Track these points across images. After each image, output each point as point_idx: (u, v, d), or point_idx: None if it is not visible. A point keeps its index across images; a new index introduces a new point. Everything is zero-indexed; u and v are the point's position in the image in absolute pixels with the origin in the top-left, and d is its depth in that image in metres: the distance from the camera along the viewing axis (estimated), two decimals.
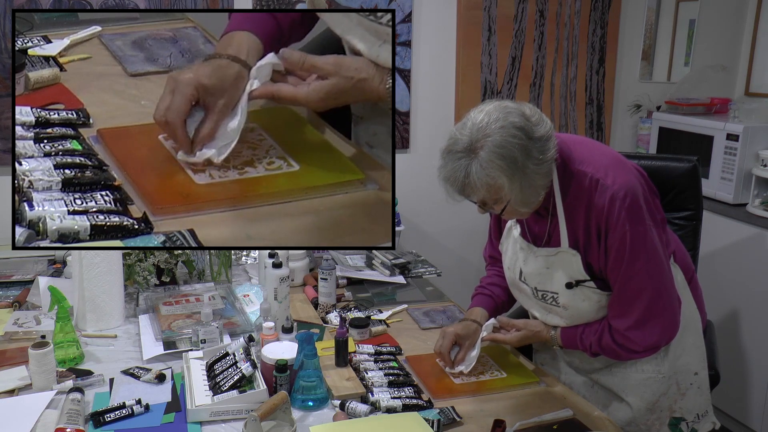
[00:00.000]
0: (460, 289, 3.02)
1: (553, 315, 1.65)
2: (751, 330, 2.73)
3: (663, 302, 1.52)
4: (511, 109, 1.40)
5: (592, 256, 1.53)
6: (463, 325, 1.69)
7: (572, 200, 1.51)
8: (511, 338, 1.68)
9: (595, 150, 1.54)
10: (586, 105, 3.19)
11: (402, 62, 2.85)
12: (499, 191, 1.41)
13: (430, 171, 3.00)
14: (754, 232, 2.68)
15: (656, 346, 1.55)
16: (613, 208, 1.45)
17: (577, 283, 1.55)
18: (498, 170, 1.37)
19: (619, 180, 1.46)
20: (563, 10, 3.04)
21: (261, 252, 2.09)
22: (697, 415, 1.65)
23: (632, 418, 1.62)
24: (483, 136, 1.37)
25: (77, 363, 1.63)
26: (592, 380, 1.70)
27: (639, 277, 1.48)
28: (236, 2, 2.61)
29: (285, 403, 1.33)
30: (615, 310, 1.55)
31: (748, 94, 3.32)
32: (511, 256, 1.69)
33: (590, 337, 1.59)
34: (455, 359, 1.64)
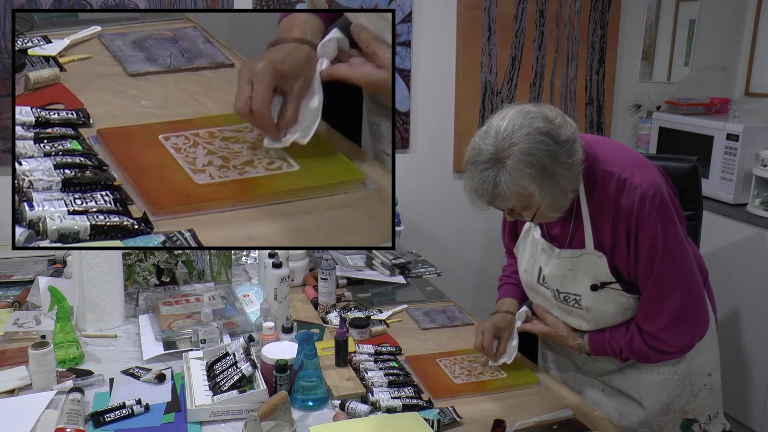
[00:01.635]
0: (460, 289, 3.03)
1: (574, 317, 1.62)
2: (751, 330, 2.73)
3: (694, 301, 1.50)
4: (535, 114, 1.36)
5: (620, 258, 1.49)
6: (499, 317, 1.69)
7: (598, 202, 1.48)
8: (537, 329, 1.68)
9: (618, 150, 1.53)
10: (586, 105, 3.19)
11: (402, 62, 2.85)
12: (530, 199, 1.37)
13: (430, 171, 3.05)
14: (754, 232, 2.68)
15: (689, 345, 1.53)
16: (644, 207, 1.43)
17: (603, 285, 1.52)
18: (528, 178, 1.33)
19: (647, 179, 1.45)
20: (563, 10, 3.04)
21: (261, 252, 2.09)
22: (709, 417, 1.64)
23: (645, 420, 1.60)
24: (509, 144, 1.33)
25: (77, 363, 1.63)
26: (603, 383, 1.68)
27: (671, 276, 1.46)
28: (236, 2, 2.61)
29: (285, 403, 1.33)
30: (646, 312, 1.51)
31: (748, 94, 3.32)
32: (529, 258, 1.66)
33: (619, 341, 1.55)
34: (497, 352, 1.65)
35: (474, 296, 3.22)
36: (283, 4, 2.66)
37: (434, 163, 3.04)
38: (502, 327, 1.67)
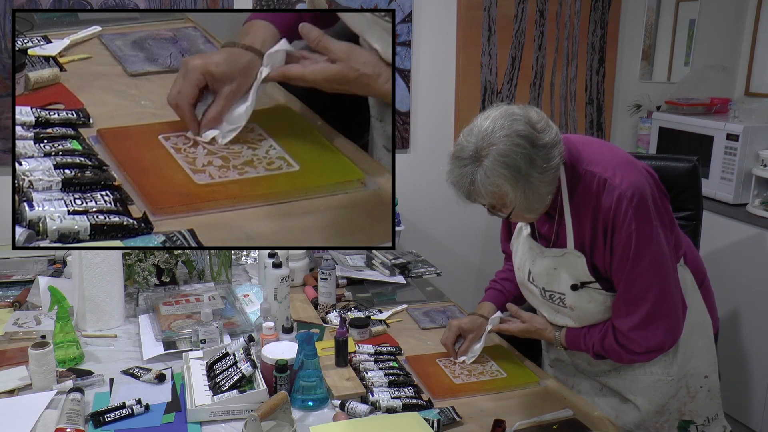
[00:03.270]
0: (460, 289, 3.03)
1: (561, 315, 1.64)
2: (751, 330, 2.73)
3: (667, 304, 1.51)
4: (517, 117, 1.40)
5: (598, 256, 1.52)
6: (470, 319, 1.74)
7: (580, 201, 1.51)
8: (515, 328, 1.70)
9: (604, 151, 1.54)
10: (586, 105, 3.19)
11: (402, 62, 2.85)
12: (504, 198, 1.42)
13: (430, 171, 3.05)
14: (754, 232, 2.68)
15: (659, 348, 1.54)
16: (620, 207, 1.45)
17: (582, 285, 1.55)
18: (501, 178, 1.37)
19: (627, 180, 1.46)
20: (563, 10, 3.04)
21: (261, 252, 2.09)
22: (708, 419, 1.64)
23: (641, 421, 1.61)
24: (488, 144, 1.38)
25: (77, 363, 1.63)
26: (600, 383, 1.69)
27: (644, 277, 1.48)
28: (236, 2, 2.61)
29: (285, 403, 1.33)
30: (619, 311, 1.54)
31: (748, 94, 3.32)
32: (521, 256, 1.69)
33: (593, 337, 1.58)
34: (458, 351, 1.69)
35: (474, 296, 3.22)
36: (283, 4, 2.66)
37: (434, 163, 3.04)
38: (467, 328, 1.72)
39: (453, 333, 1.71)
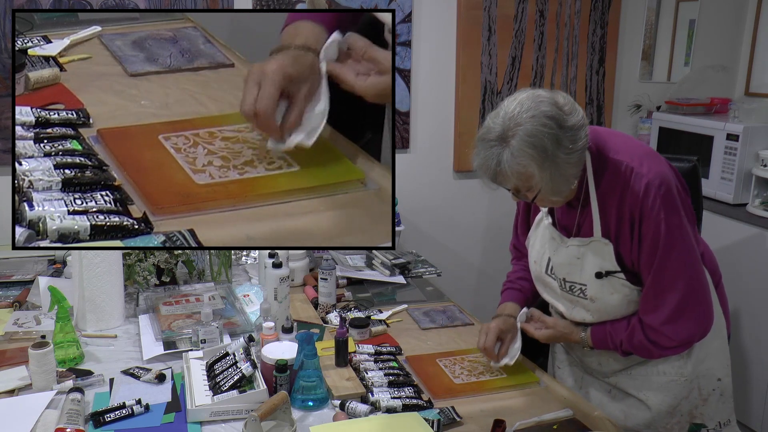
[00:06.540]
0: (460, 289, 3.03)
1: (579, 308, 1.62)
2: (751, 330, 2.73)
3: (697, 294, 1.49)
4: (544, 98, 1.40)
5: (624, 246, 1.51)
6: (502, 320, 1.70)
7: (606, 189, 1.50)
8: (540, 335, 1.67)
9: (629, 141, 1.55)
10: (586, 105, 3.19)
11: (402, 62, 2.85)
12: (530, 179, 1.41)
13: (430, 171, 3.05)
14: (754, 232, 2.68)
15: (690, 340, 1.53)
16: (648, 195, 1.44)
17: (607, 274, 1.53)
18: (528, 158, 1.37)
19: (654, 169, 1.46)
20: (563, 10, 3.04)
21: (261, 252, 2.09)
22: (719, 423, 1.63)
23: (651, 420, 1.60)
24: (515, 125, 1.38)
25: (77, 363, 1.63)
26: (610, 385, 1.67)
27: (673, 267, 1.46)
28: (236, 2, 2.61)
29: (285, 403, 1.33)
30: (647, 304, 1.51)
31: (748, 94, 3.32)
32: (539, 248, 1.67)
33: (620, 334, 1.56)
34: (499, 353, 1.65)
35: (474, 296, 3.22)
36: (283, 4, 2.66)
37: (434, 163, 3.04)
38: (505, 329, 1.67)
39: (494, 335, 1.64)
